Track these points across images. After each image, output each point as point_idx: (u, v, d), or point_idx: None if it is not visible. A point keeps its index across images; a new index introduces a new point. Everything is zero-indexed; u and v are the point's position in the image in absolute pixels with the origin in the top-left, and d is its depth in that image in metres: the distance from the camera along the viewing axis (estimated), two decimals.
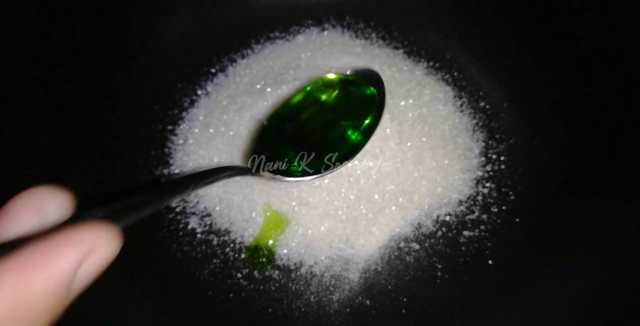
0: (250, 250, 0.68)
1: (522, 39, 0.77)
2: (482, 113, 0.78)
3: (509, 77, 0.79)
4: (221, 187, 0.71)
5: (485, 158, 0.74)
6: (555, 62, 0.74)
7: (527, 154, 0.73)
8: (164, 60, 0.80)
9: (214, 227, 0.70)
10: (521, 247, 0.66)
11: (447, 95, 0.79)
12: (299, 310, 0.65)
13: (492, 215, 0.70)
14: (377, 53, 0.83)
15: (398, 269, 0.67)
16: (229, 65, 0.83)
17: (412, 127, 0.73)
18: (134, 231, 0.69)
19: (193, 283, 0.66)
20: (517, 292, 0.62)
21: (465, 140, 0.75)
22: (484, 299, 0.63)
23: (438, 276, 0.66)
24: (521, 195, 0.71)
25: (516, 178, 0.72)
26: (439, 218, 0.70)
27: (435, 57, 0.83)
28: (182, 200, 0.71)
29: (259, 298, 0.65)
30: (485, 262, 0.66)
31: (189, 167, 0.74)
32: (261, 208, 0.69)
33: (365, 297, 0.65)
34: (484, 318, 0.61)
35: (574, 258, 0.61)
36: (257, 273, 0.67)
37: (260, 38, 0.86)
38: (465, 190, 0.72)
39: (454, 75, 0.81)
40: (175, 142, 0.76)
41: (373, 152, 0.69)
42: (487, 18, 0.80)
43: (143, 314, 0.61)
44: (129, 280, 0.63)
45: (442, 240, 0.68)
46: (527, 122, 0.75)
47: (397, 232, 0.69)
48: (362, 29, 0.87)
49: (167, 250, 0.68)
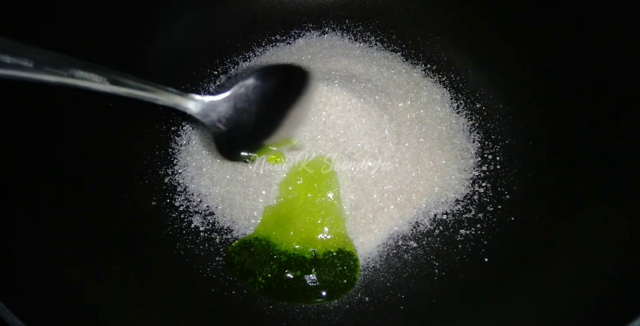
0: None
1: (517, 42, 0.78)
2: (478, 115, 0.79)
3: (504, 79, 0.80)
4: (223, 186, 0.72)
5: (481, 159, 0.76)
6: (550, 64, 0.75)
7: (522, 154, 0.74)
8: (168, 62, 0.82)
9: (216, 226, 0.71)
10: (516, 245, 0.68)
11: (444, 97, 0.81)
12: (300, 306, 0.66)
13: (488, 214, 0.71)
14: (376, 56, 0.84)
15: (396, 267, 0.68)
16: (231, 68, 0.85)
17: (410, 128, 0.75)
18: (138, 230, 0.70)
19: (196, 280, 0.67)
20: (512, 289, 0.63)
21: (462, 140, 0.77)
22: (480, 296, 0.64)
23: (435, 274, 0.67)
24: (516, 195, 0.72)
25: (511, 178, 0.73)
26: (437, 217, 0.71)
27: (433, 60, 0.85)
28: (185, 199, 0.73)
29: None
30: (482, 260, 0.67)
31: (192, 166, 0.75)
32: (262, 208, 0.70)
33: (364, 294, 0.66)
34: (480, 314, 0.62)
35: (567, 256, 0.62)
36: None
37: (262, 41, 0.87)
38: (462, 190, 0.73)
39: (451, 78, 0.83)
40: (178, 142, 0.78)
41: (372, 153, 0.70)
42: (483, 22, 0.82)
43: (147, 311, 0.62)
44: (133, 278, 0.64)
45: (439, 239, 0.70)
46: (523, 123, 0.76)
47: (396, 230, 0.70)
48: (361, 32, 0.88)
49: (171, 248, 0.69)
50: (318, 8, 0.89)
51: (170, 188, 0.74)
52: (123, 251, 0.66)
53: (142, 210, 0.71)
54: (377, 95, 0.74)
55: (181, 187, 0.74)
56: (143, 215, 0.71)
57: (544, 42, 0.75)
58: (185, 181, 0.74)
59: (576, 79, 0.71)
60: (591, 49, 0.70)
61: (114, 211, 0.68)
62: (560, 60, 0.74)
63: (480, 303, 0.63)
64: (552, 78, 0.74)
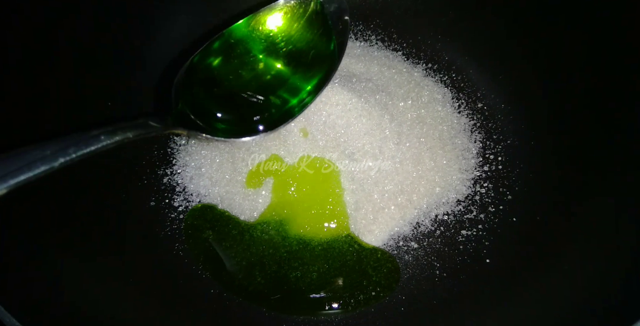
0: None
1: (519, 42, 0.78)
2: (479, 115, 0.79)
3: (506, 78, 0.80)
4: (223, 186, 0.72)
5: (482, 159, 0.75)
6: (552, 63, 0.74)
7: (524, 155, 0.74)
8: (167, 62, 0.81)
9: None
10: (518, 246, 0.67)
11: (446, 97, 0.80)
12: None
13: (490, 215, 0.71)
14: (377, 55, 0.84)
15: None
16: None
17: (411, 127, 0.74)
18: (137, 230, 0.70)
19: (195, 281, 0.66)
20: (513, 290, 0.63)
21: (463, 140, 0.76)
22: (481, 297, 0.64)
23: (436, 275, 0.67)
24: (518, 195, 0.72)
25: (513, 178, 0.73)
26: (438, 217, 0.71)
27: (434, 59, 0.84)
28: (184, 199, 0.72)
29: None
30: (483, 261, 0.67)
31: (191, 166, 0.74)
32: (262, 208, 0.70)
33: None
34: (482, 315, 0.62)
35: (569, 257, 0.62)
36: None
37: None
38: (463, 190, 0.73)
39: (452, 77, 0.82)
40: (177, 142, 0.77)
41: (372, 153, 0.70)
42: (485, 21, 0.81)
43: (146, 311, 0.61)
44: (132, 279, 0.63)
45: (440, 239, 0.69)
46: (524, 123, 0.76)
47: (396, 231, 0.70)
48: (361, 31, 0.88)
49: (171, 248, 0.69)
50: None
51: (169, 188, 0.73)
52: (122, 252, 0.65)
53: (141, 210, 0.70)
54: (377, 94, 0.73)
55: (180, 187, 0.73)
56: (142, 216, 0.70)
57: (545, 42, 0.75)
58: (185, 181, 0.74)
59: (578, 78, 0.71)
60: (593, 48, 0.70)
61: (113, 211, 0.68)
62: (562, 59, 0.73)
63: (482, 304, 0.63)
64: (554, 77, 0.74)
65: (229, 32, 0.58)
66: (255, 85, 0.56)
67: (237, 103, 0.56)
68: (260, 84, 0.56)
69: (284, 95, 0.58)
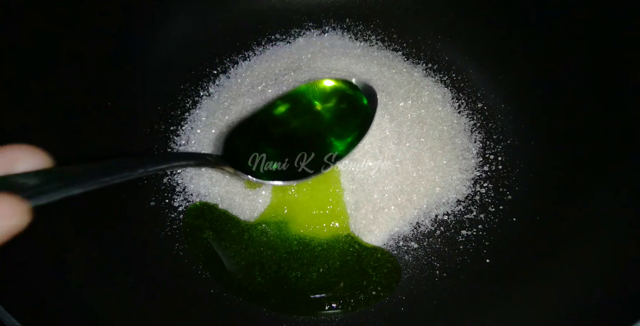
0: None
1: (519, 42, 0.78)
2: (479, 115, 0.79)
3: (506, 78, 0.80)
4: (223, 186, 0.72)
5: (482, 159, 0.75)
6: (552, 63, 0.74)
7: (524, 155, 0.74)
8: (167, 62, 0.81)
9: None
10: (518, 246, 0.67)
11: (446, 97, 0.80)
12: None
13: (490, 215, 0.71)
14: (377, 55, 0.84)
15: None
16: (230, 67, 0.84)
17: (411, 127, 0.74)
18: (137, 230, 0.70)
19: (195, 281, 0.66)
20: (514, 290, 0.62)
21: (463, 140, 0.76)
22: (481, 297, 0.64)
23: (436, 275, 0.67)
24: (518, 195, 0.71)
25: (513, 178, 0.73)
26: (438, 217, 0.71)
27: (434, 59, 0.84)
28: (184, 199, 0.72)
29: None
30: (483, 261, 0.67)
31: None
32: (262, 208, 0.70)
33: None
34: (482, 315, 0.62)
35: (569, 257, 0.61)
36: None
37: (262, 40, 0.87)
38: (463, 190, 0.73)
39: (452, 77, 0.82)
40: (177, 142, 0.77)
41: (372, 152, 0.70)
42: (485, 21, 0.81)
43: (146, 311, 0.61)
44: (132, 279, 0.63)
45: (440, 239, 0.69)
46: (524, 123, 0.76)
47: (396, 231, 0.70)
48: (361, 31, 0.88)
49: (170, 248, 0.69)
50: (318, 7, 0.89)
51: (169, 188, 0.73)
52: (122, 252, 0.65)
53: (141, 210, 0.70)
54: (377, 94, 0.73)
55: (180, 187, 0.73)
56: (142, 216, 0.70)
57: (545, 42, 0.75)
58: (185, 181, 0.74)
59: (578, 78, 0.71)
60: (593, 48, 0.70)
61: (113, 211, 0.68)
62: (562, 59, 0.73)
63: (482, 305, 0.63)
64: (554, 77, 0.74)
65: (292, 94, 0.68)
66: (306, 139, 0.65)
67: (288, 153, 0.63)
68: (309, 139, 0.65)
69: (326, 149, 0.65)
